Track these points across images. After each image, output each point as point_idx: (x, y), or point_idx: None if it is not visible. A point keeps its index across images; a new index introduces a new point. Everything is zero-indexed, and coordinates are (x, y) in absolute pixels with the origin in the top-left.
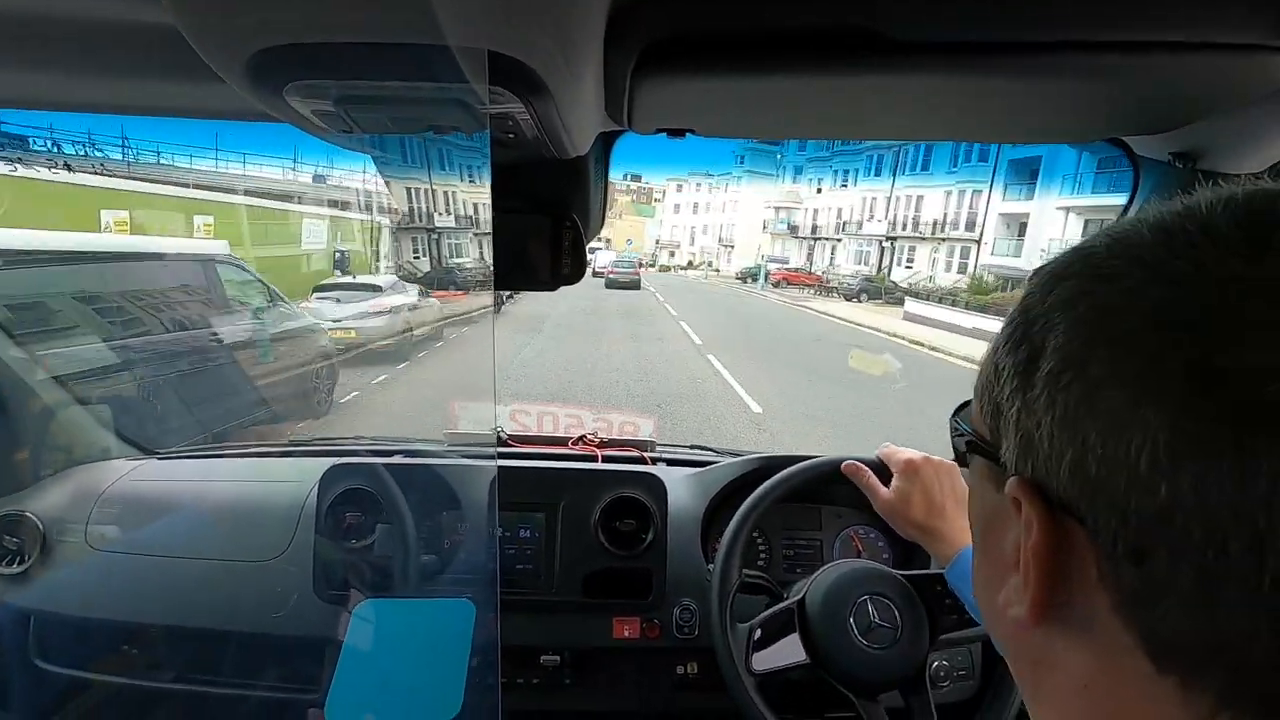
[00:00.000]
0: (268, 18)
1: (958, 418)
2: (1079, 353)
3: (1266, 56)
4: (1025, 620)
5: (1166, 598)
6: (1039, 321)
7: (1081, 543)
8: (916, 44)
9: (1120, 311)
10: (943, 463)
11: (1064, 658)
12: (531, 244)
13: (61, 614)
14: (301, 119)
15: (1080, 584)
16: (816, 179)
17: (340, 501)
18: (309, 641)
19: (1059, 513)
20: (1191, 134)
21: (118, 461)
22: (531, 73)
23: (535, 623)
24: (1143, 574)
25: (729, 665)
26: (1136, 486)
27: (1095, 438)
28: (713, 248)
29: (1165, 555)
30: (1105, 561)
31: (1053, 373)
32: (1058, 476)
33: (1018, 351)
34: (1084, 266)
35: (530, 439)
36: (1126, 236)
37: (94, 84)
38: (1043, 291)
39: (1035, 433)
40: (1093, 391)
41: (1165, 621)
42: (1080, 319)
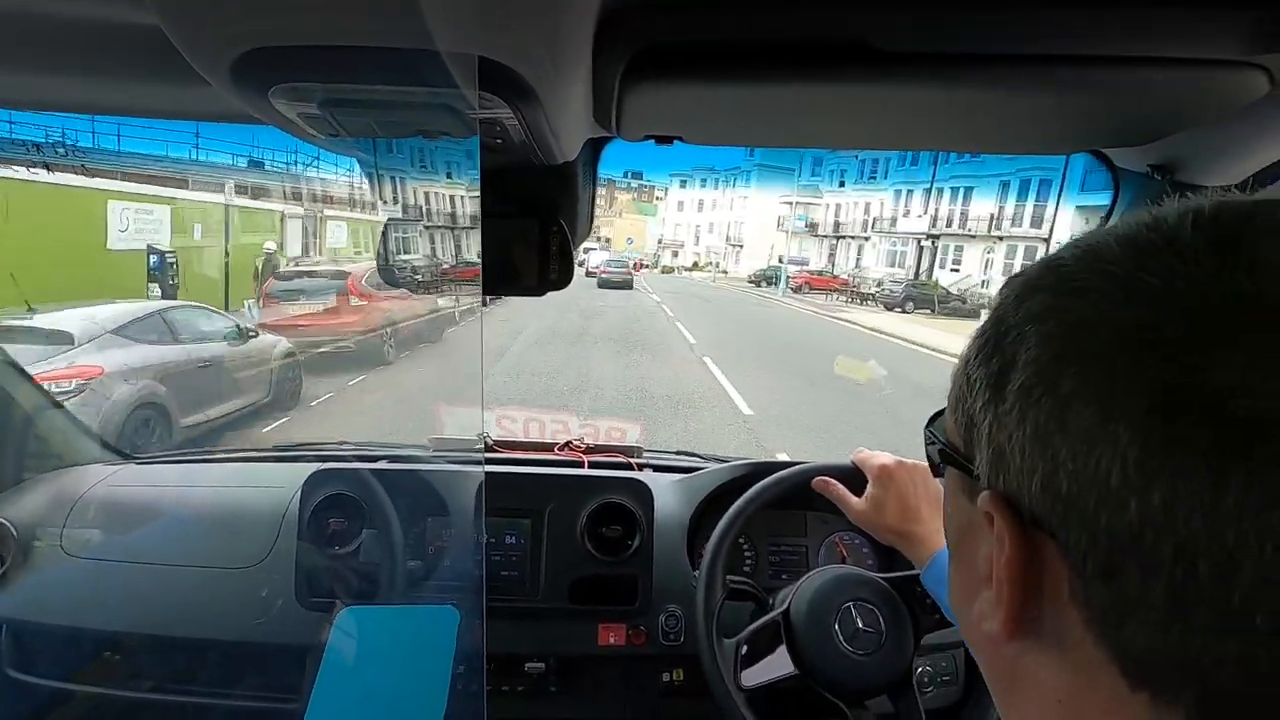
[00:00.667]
0: (253, 20)
1: (932, 428)
2: (1049, 368)
3: (1241, 71)
4: (998, 635)
5: (1137, 615)
6: (1011, 334)
7: (1054, 558)
8: (902, 55)
9: (1090, 327)
10: (917, 465)
11: (1037, 672)
12: (519, 249)
13: (37, 623)
14: (286, 122)
15: (1053, 599)
16: (839, 171)
17: (323, 507)
18: (290, 650)
19: (1030, 528)
20: (1169, 146)
21: (95, 466)
22: (520, 79)
23: (520, 630)
24: (1113, 591)
25: (718, 683)
26: (1107, 504)
27: (1066, 453)
28: (719, 247)
29: (1136, 573)
30: (1076, 578)
31: (1024, 387)
32: (1029, 492)
33: (990, 363)
34: (1055, 279)
35: (516, 445)
36: (1096, 249)
37: (76, 84)
38: (1015, 303)
39: (1007, 447)
40: (1063, 407)
41: (1136, 639)
42: (1051, 334)
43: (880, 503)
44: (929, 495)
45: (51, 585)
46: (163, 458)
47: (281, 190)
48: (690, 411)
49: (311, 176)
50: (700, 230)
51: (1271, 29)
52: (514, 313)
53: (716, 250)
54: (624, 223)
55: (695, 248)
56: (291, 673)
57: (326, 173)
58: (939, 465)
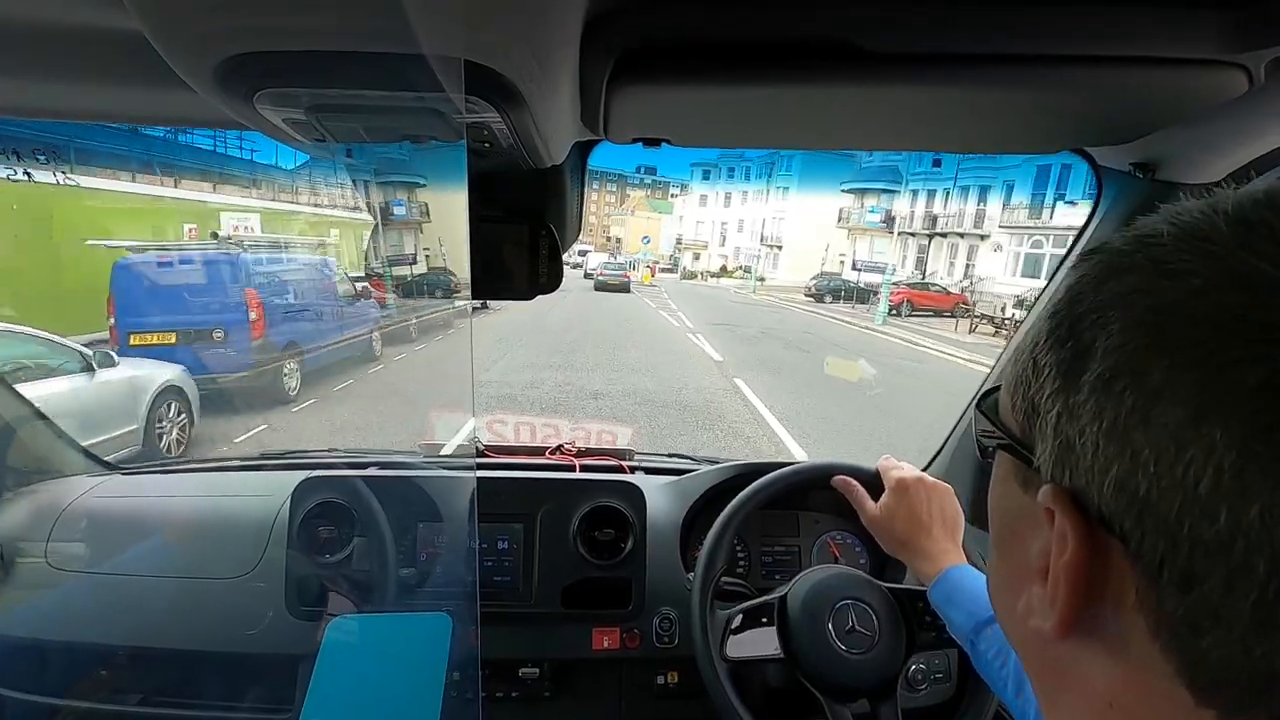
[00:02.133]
0: (237, 24)
1: (983, 408)
2: (1135, 358)
3: (1220, 70)
4: (1049, 634)
5: (1216, 628)
6: (1089, 317)
7: (1120, 562)
8: (887, 55)
9: (1187, 315)
10: (936, 484)
11: (1088, 674)
12: (508, 252)
13: (21, 637)
14: (272, 127)
15: (1114, 604)
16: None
17: (313, 515)
18: (281, 660)
19: (1098, 529)
20: (1151, 145)
21: (80, 478)
22: (506, 82)
23: (514, 635)
24: (1190, 601)
25: (703, 649)
26: (1193, 510)
27: (1148, 453)
28: (752, 248)
29: (1219, 585)
30: (1147, 585)
31: (1103, 377)
32: (1099, 490)
33: (1062, 349)
34: (1146, 258)
35: (507, 449)
36: (1198, 227)
37: (58, 90)
38: (1096, 282)
39: (1077, 440)
40: (1149, 403)
41: (1211, 653)
42: (1139, 320)
43: (893, 513)
44: (943, 515)
45: (37, 599)
46: (149, 468)
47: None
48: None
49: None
50: (727, 229)
51: (1250, 29)
52: (482, 333)
53: (749, 251)
54: (636, 221)
55: (721, 249)
56: (283, 684)
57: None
58: (989, 450)
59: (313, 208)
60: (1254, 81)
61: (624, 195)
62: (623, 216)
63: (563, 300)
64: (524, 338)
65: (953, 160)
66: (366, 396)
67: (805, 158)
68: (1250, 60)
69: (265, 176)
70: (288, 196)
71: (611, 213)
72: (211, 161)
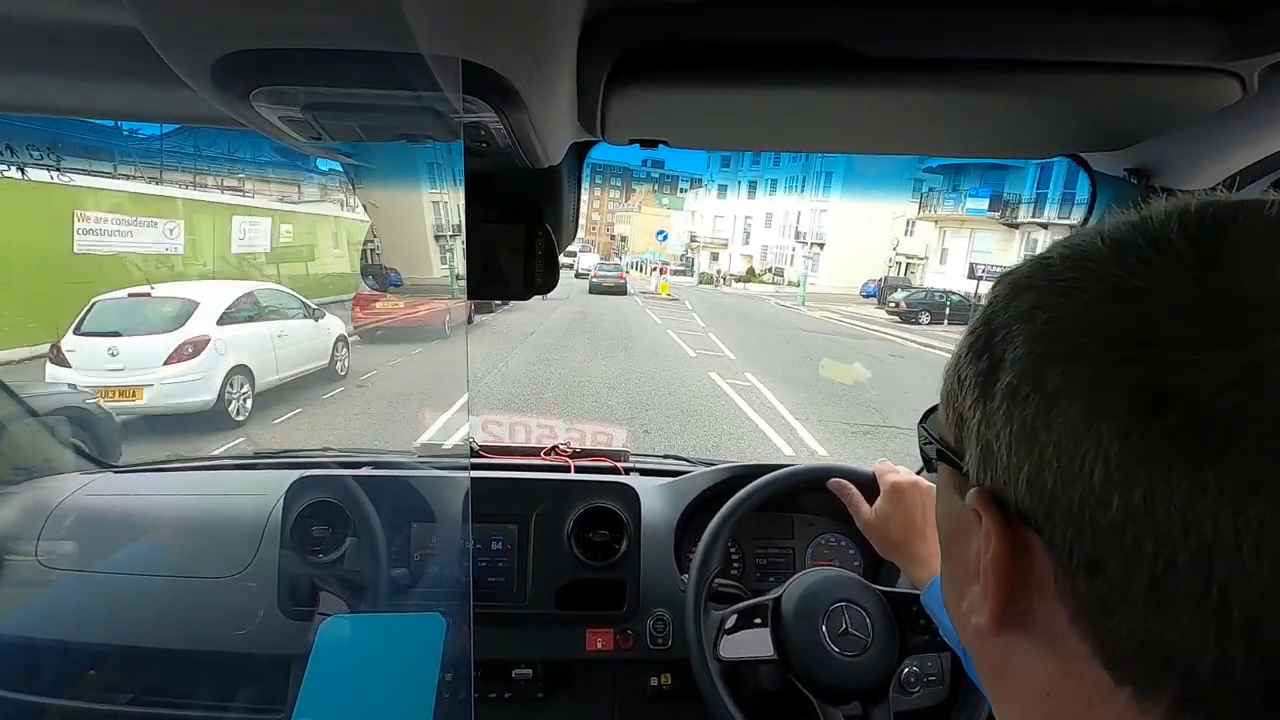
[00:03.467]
0: (233, 22)
1: (925, 424)
2: (1036, 367)
3: (1214, 77)
4: (985, 629)
5: (1120, 608)
6: (1000, 332)
7: (1039, 554)
8: (884, 60)
9: (1075, 327)
10: (931, 488)
11: (1025, 666)
12: (504, 253)
13: (11, 635)
14: (268, 125)
15: (1039, 594)
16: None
17: (307, 515)
18: (274, 660)
19: (1017, 524)
20: (1145, 151)
21: (71, 476)
22: (504, 82)
23: (507, 636)
24: (1097, 585)
25: (697, 650)
26: (1090, 500)
27: (1051, 451)
28: (784, 246)
29: (1119, 567)
30: (1062, 573)
31: (1011, 385)
32: (1016, 488)
33: (979, 361)
34: (1043, 279)
35: (502, 449)
36: (1083, 249)
37: (53, 87)
38: (1004, 301)
39: (995, 444)
40: (1049, 406)
41: (1119, 631)
42: (1038, 332)
43: (887, 517)
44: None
45: (27, 597)
46: (141, 466)
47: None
48: None
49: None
50: (752, 223)
51: (1244, 37)
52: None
53: (779, 250)
54: (643, 219)
55: (744, 248)
56: (275, 684)
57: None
58: (932, 461)
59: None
60: (1247, 89)
61: (629, 191)
62: (628, 213)
63: (541, 324)
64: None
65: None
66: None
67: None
68: (1243, 68)
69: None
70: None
71: (616, 209)
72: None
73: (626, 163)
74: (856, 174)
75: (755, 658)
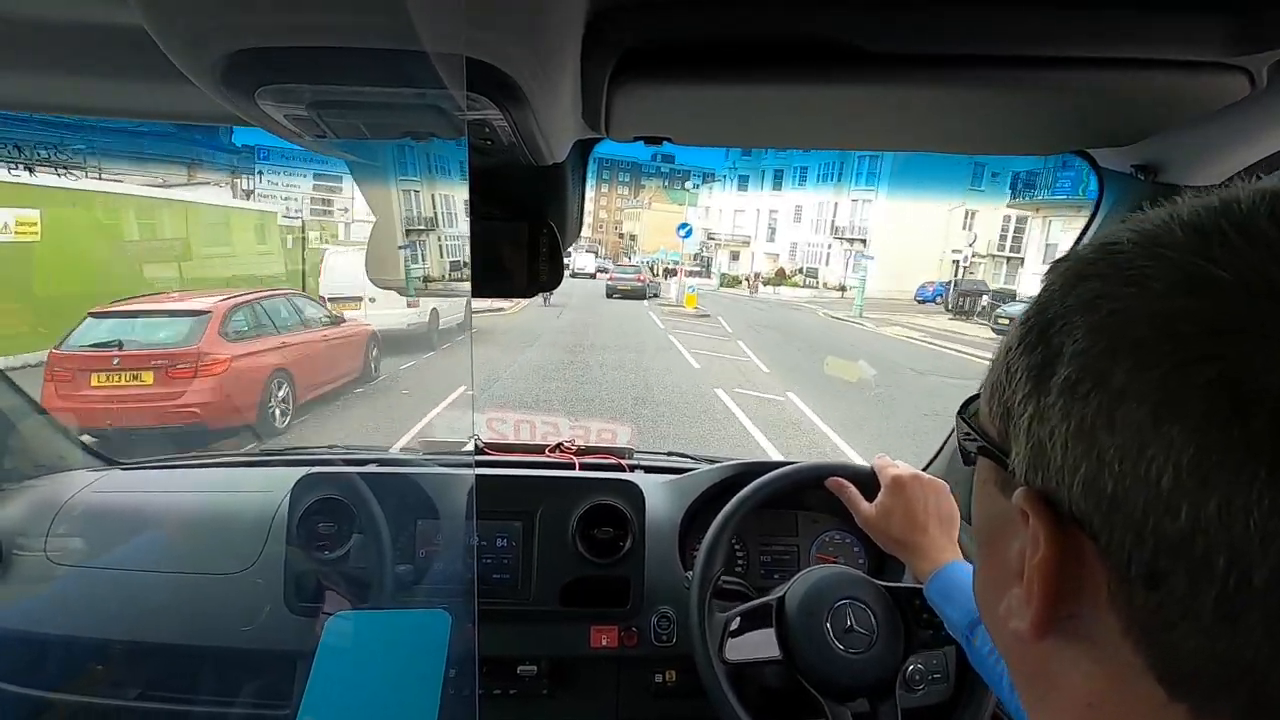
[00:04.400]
0: (239, 21)
1: (965, 415)
2: (1099, 361)
3: (1221, 73)
4: (1026, 635)
5: (1183, 623)
6: (1057, 323)
7: (1092, 560)
8: (889, 56)
9: (1146, 319)
10: (932, 481)
11: (1068, 674)
12: (508, 250)
13: (20, 631)
14: (273, 123)
15: (1089, 602)
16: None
17: (313, 511)
18: (280, 656)
19: (1070, 528)
20: (1152, 147)
21: (80, 472)
22: (508, 80)
23: (512, 633)
24: (1158, 597)
25: (702, 652)
26: (1156, 507)
27: (1113, 453)
28: (819, 244)
29: (1184, 580)
30: (1118, 582)
31: (1069, 380)
32: (1070, 490)
33: (1033, 354)
34: (1109, 265)
35: (507, 447)
36: (1157, 234)
37: (60, 85)
38: (1063, 289)
39: (1048, 442)
40: (1113, 404)
41: (1180, 647)
42: (1101, 324)
43: (888, 511)
44: (939, 512)
45: (36, 593)
46: (148, 463)
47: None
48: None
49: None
50: (777, 218)
51: (1252, 32)
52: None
53: (812, 247)
54: (654, 216)
55: (770, 245)
56: (281, 679)
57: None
58: (971, 455)
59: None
60: (1255, 84)
61: (638, 187)
62: (637, 210)
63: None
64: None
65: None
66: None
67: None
68: (1251, 63)
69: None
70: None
71: (624, 206)
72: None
73: (635, 157)
74: (909, 157)
75: (760, 659)
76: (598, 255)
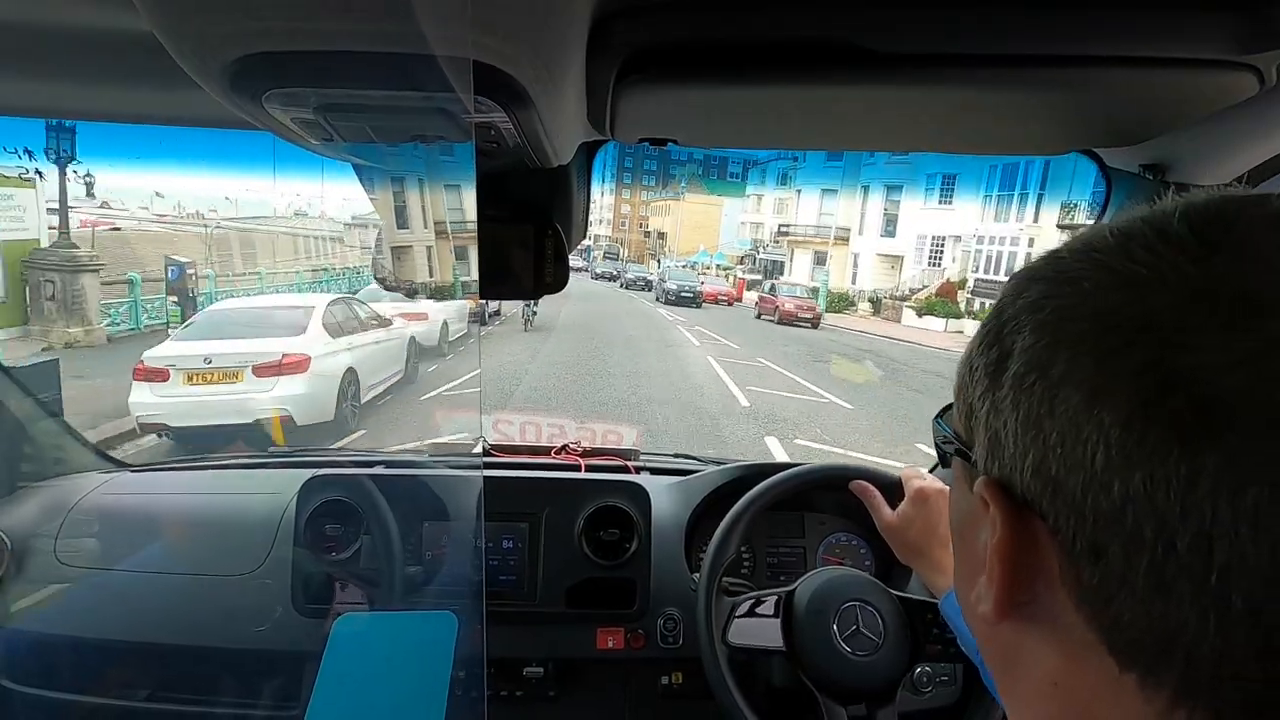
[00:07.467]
0: (246, 25)
1: (940, 419)
2: (1042, 355)
3: (1229, 72)
4: (990, 616)
5: (1121, 594)
6: (1010, 324)
7: (1045, 541)
8: (894, 56)
9: (1079, 314)
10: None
11: (1033, 656)
12: (514, 253)
13: (31, 632)
14: (281, 127)
15: (1045, 581)
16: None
17: (320, 513)
18: (288, 657)
19: (1023, 511)
20: (1160, 146)
21: (89, 475)
22: (514, 83)
23: (518, 634)
24: (1100, 570)
25: (706, 633)
26: (1093, 485)
27: (1055, 438)
28: (999, 236)
29: (1120, 552)
30: (1066, 559)
31: (1018, 374)
32: (1022, 475)
33: (989, 353)
34: (1052, 269)
35: (513, 448)
36: (1091, 241)
37: (68, 91)
38: (1015, 294)
39: (1002, 432)
40: (1053, 393)
41: (1121, 617)
42: (1044, 322)
43: (909, 521)
44: None
45: (46, 594)
46: (157, 465)
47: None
48: None
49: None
50: (900, 198)
51: (1261, 30)
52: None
53: (992, 239)
54: (688, 209)
55: (886, 242)
56: (289, 680)
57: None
58: (947, 456)
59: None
60: (1264, 82)
61: (666, 177)
62: (665, 202)
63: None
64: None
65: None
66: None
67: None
68: (1260, 61)
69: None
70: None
71: (650, 199)
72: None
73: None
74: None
75: (764, 646)
76: (618, 257)
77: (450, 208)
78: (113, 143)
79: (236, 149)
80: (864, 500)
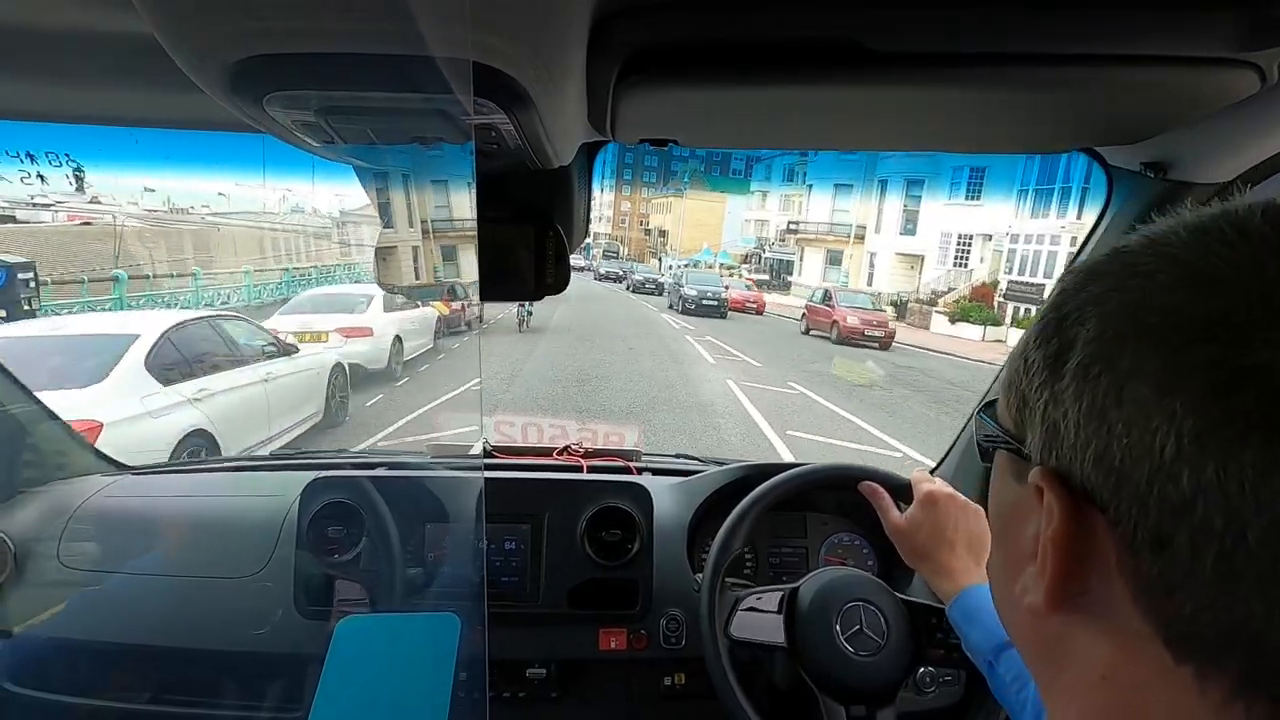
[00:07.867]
0: (247, 28)
1: (984, 414)
2: (1109, 347)
3: (1231, 69)
4: (1040, 607)
5: (1185, 585)
6: (1071, 316)
7: (1102, 531)
8: (895, 55)
9: (1151, 307)
10: (967, 504)
11: (1082, 648)
12: (515, 254)
13: (33, 635)
14: (282, 129)
15: (1099, 572)
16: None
17: (322, 515)
18: (290, 659)
19: (1081, 501)
20: (1161, 144)
21: (92, 478)
22: (515, 84)
23: (521, 635)
24: (1162, 561)
25: (708, 623)
26: (1160, 475)
27: (1121, 427)
28: (1035, 234)
29: (1186, 543)
30: (1125, 549)
31: (1082, 365)
32: (1082, 465)
33: (1048, 345)
34: (1119, 264)
35: (515, 450)
36: (1162, 237)
37: (70, 94)
38: (1076, 287)
39: (1062, 423)
40: (1121, 383)
41: (1183, 609)
42: (1111, 313)
43: (918, 524)
44: (969, 534)
45: (48, 597)
46: (160, 468)
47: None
48: None
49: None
50: (921, 193)
51: (1262, 27)
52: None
53: (1032, 236)
54: (691, 207)
55: (907, 240)
56: (292, 683)
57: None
58: (988, 451)
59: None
60: (1265, 80)
61: (667, 173)
62: (666, 199)
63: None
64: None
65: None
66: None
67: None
68: (1262, 59)
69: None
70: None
71: (651, 196)
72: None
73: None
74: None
75: (765, 641)
76: (618, 256)
77: (437, 205)
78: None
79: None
80: (873, 502)
